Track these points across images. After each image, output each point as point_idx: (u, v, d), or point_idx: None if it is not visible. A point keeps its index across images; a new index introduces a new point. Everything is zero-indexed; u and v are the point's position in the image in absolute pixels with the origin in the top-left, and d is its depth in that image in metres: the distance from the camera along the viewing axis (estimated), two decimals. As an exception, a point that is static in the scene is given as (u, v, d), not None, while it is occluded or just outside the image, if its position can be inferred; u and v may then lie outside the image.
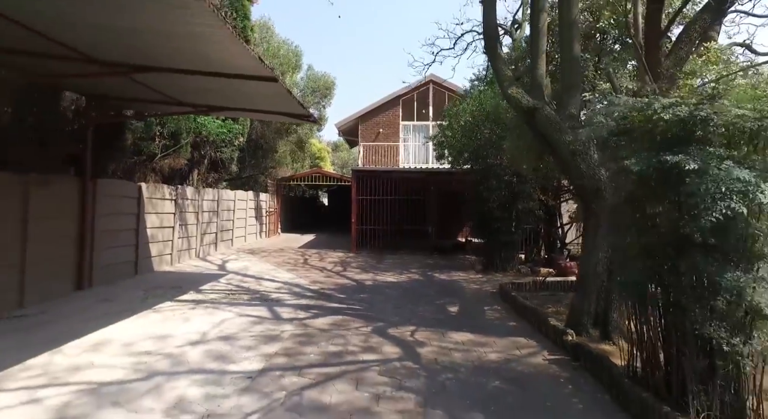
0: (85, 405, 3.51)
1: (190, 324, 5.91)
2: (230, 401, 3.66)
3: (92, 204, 7.91)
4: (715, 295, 2.72)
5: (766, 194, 2.43)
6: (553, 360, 4.76)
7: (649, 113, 3.00)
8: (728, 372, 2.78)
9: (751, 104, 2.82)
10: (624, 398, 3.55)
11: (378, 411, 3.55)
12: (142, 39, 4.64)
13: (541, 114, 5.49)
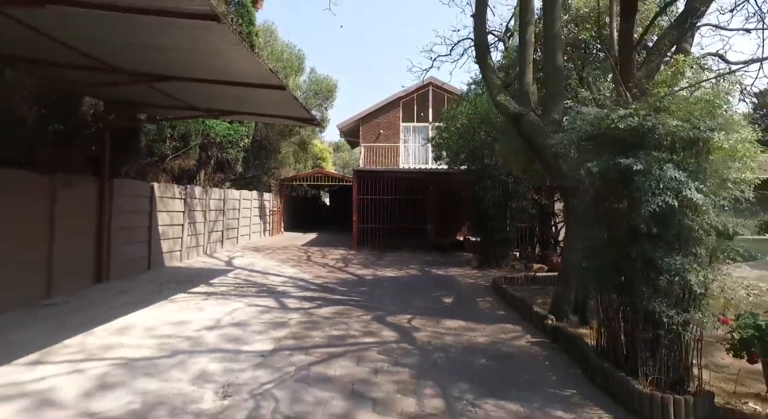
0: (121, 375, 4.04)
1: (204, 312, 6.43)
2: (246, 374, 4.18)
3: (109, 203, 8.43)
4: (659, 276, 3.22)
5: (692, 190, 2.94)
6: (534, 342, 5.28)
7: (608, 123, 3.51)
8: (670, 340, 3.28)
9: (690, 115, 3.32)
10: (592, 371, 4.06)
11: (376, 381, 4.06)
12: (166, 53, 5.17)
13: (526, 119, 6.00)
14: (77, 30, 4.59)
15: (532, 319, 6.03)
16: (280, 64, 18.59)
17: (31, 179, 6.67)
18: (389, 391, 3.85)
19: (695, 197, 2.99)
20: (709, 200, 3.17)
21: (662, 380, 3.37)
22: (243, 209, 16.27)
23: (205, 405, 3.53)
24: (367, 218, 16.39)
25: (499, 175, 11.22)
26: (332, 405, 3.57)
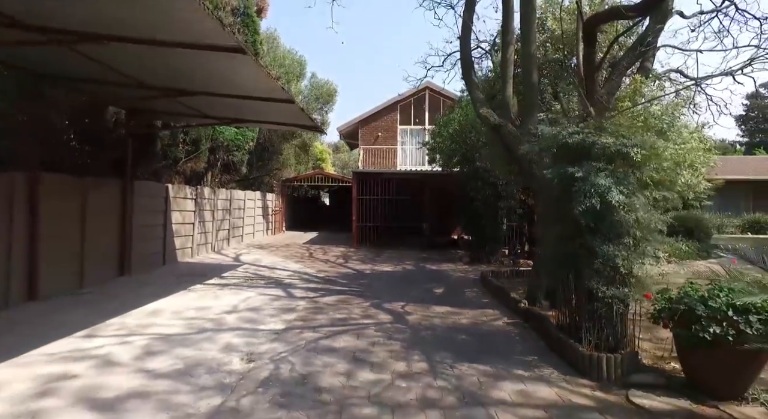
0: (161, 346, 4.87)
1: (221, 300, 7.27)
2: (265, 346, 5.02)
3: (131, 203, 9.26)
4: (596, 260, 4.07)
5: (613, 194, 3.78)
6: (510, 323, 6.13)
7: (560, 139, 4.35)
8: (606, 312, 4.13)
9: (619, 133, 4.17)
10: (552, 342, 4.91)
11: (374, 351, 4.90)
12: (192, 73, 6.01)
13: (505, 130, 6.86)
14: (126, 58, 5.43)
15: (510, 305, 6.88)
16: (283, 70, 19.42)
17: (69, 181, 7.51)
18: (384, 357, 4.69)
19: (615, 199, 3.83)
20: (635, 201, 4.02)
21: (601, 344, 4.22)
22: (247, 208, 17.10)
23: (234, 366, 4.36)
24: (366, 217, 17.22)
25: (489, 177, 12.05)
26: (337, 367, 4.41)
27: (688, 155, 6.58)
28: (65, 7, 4.10)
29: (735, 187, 24.75)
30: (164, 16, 4.05)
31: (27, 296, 6.59)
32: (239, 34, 14.36)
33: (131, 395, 3.65)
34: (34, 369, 4.09)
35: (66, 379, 3.90)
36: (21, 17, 4.30)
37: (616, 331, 4.23)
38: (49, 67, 6.14)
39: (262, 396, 3.69)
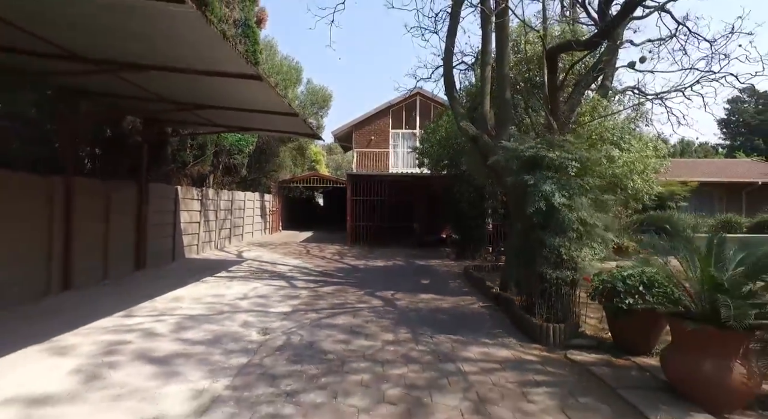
0: (190, 323, 5.84)
1: (232, 289, 8.23)
2: (276, 323, 6.00)
3: (146, 203, 10.18)
4: (547, 251, 5.11)
5: (556, 198, 4.82)
6: (483, 306, 7.18)
7: (519, 152, 5.40)
8: (555, 291, 5.18)
9: (563, 148, 5.22)
10: (515, 319, 5.96)
11: (367, 326, 5.91)
12: (210, 91, 6.98)
13: (481, 140, 7.90)
14: (156, 80, 6.39)
15: (486, 292, 7.93)
16: (280, 77, 20.37)
17: (96, 184, 8.44)
18: (376, 330, 5.71)
19: (558, 201, 4.87)
20: (576, 202, 5.07)
21: (551, 317, 5.26)
22: (247, 209, 18.03)
23: (253, 337, 5.35)
24: (359, 217, 18.22)
25: (473, 180, 13.09)
26: (337, 337, 5.41)
27: (637, 163, 7.67)
28: (116, 43, 5.06)
29: (709, 189, 26.13)
30: (201, 53, 5.03)
31: (63, 286, 7.51)
32: (240, 45, 15.33)
33: (176, 355, 4.63)
34: (94, 337, 5.06)
35: (122, 344, 4.86)
36: (80, 52, 5.26)
37: (563, 307, 5.28)
38: (88, 86, 7.09)
39: (280, 357, 4.68)
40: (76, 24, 4.46)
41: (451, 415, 3.43)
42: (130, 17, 4.09)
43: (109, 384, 3.86)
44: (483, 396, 3.76)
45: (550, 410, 3.54)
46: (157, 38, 4.72)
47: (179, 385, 3.88)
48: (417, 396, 3.77)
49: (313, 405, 3.56)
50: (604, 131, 7.19)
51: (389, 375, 4.23)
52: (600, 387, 3.99)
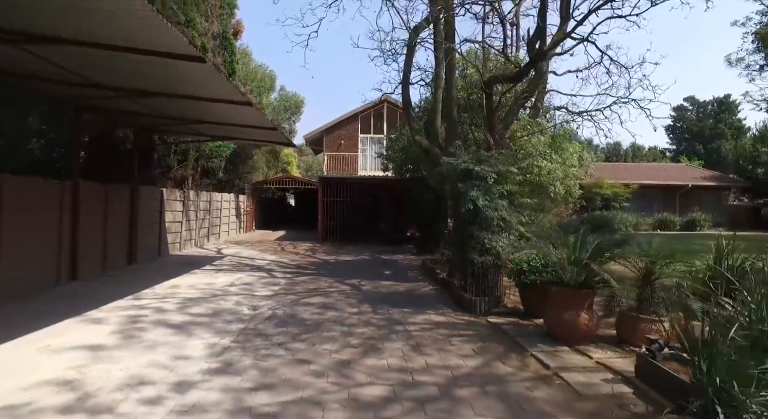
0: (191, 303, 7.14)
1: (219, 279, 9.50)
2: (262, 302, 7.36)
3: (137, 204, 11.28)
4: (473, 241, 6.70)
5: (480, 201, 6.41)
6: (432, 289, 8.76)
7: (455, 165, 6.98)
8: (483, 273, 6.78)
9: (488, 162, 6.83)
10: (454, 297, 7.54)
11: (336, 304, 7.36)
12: (206, 112, 8.26)
13: (432, 152, 9.48)
14: (162, 103, 7.64)
15: (436, 279, 9.52)
16: (255, 84, 21.47)
17: (97, 188, 9.55)
18: (344, 306, 7.17)
19: (481, 204, 6.47)
20: (497, 204, 6.68)
21: (479, 293, 6.86)
22: (224, 209, 19.11)
23: (245, 312, 6.71)
24: (330, 217, 19.59)
25: (431, 184, 14.71)
26: (313, 310, 6.85)
27: (558, 171, 9.42)
28: (135, 78, 6.33)
29: (650, 191, 28.87)
30: (207, 88, 6.35)
31: (71, 277, 8.62)
32: (219, 57, 16.46)
33: (187, 323, 5.95)
34: (116, 313, 6.31)
35: (141, 317, 6.15)
36: (102, 81, 6.49)
37: (488, 285, 6.89)
38: (99, 104, 8.25)
39: (269, 323, 6.08)
40: (109, 67, 5.72)
41: (395, 353, 4.93)
42: (153, 65, 5.40)
43: (143, 339, 5.18)
44: (419, 343, 5.30)
45: (463, 348, 5.11)
46: (174, 79, 6.02)
47: (196, 340, 5.23)
48: (372, 343, 5.27)
49: (298, 350, 4.99)
50: (530, 147, 8.89)
51: (353, 332, 5.71)
52: (503, 336, 5.59)
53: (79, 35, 4.59)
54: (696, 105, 55.25)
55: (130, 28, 4.22)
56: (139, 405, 3.52)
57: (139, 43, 4.55)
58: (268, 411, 3.49)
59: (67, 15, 4.22)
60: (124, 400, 3.60)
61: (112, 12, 3.87)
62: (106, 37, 4.54)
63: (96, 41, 4.59)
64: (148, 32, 4.18)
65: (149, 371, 4.22)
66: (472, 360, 4.75)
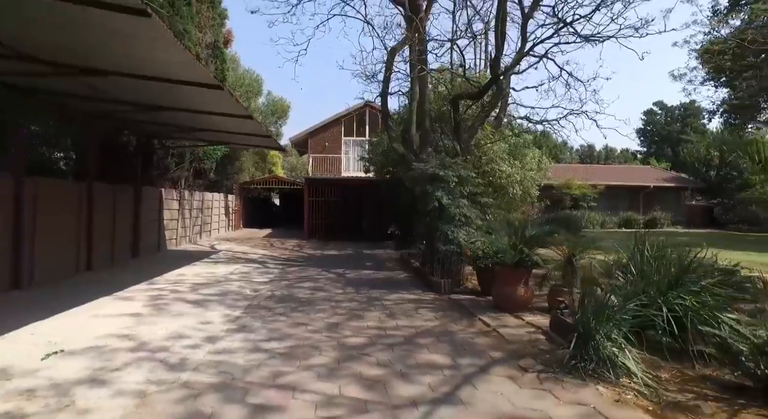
0: (200, 287, 8.36)
1: (219, 269, 10.71)
2: (261, 287, 8.63)
3: (140, 203, 12.37)
4: (438, 232, 8.09)
5: (444, 200, 7.80)
6: (407, 276, 10.15)
7: (424, 170, 8.36)
8: (446, 259, 8.17)
9: (450, 168, 8.23)
10: (424, 281, 8.94)
11: (325, 287, 8.67)
12: (210, 122, 9.47)
13: (407, 157, 10.86)
14: (173, 116, 8.82)
15: (410, 268, 10.92)
16: (243, 89, 22.56)
17: (107, 188, 10.66)
18: (330, 288, 8.50)
19: (444, 202, 7.87)
20: (459, 203, 8.08)
21: (444, 276, 8.26)
22: (214, 208, 20.18)
23: (248, 293, 7.96)
24: (315, 215, 20.84)
25: (409, 184, 16.12)
26: (305, 291, 8.15)
27: (516, 175, 10.91)
28: (154, 97, 7.52)
29: (616, 191, 30.87)
30: (218, 106, 7.58)
31: (86, 267, 9.73)
32: (211, 65, 17.55)
33: (202, 300, 7.19)
34: (140, 293, 7.52)
35: (162, 296, 7.37)
36: (123, 97, 7.67)
37: (450, 269, 8.30)
38: (114, 114, 9.38)
39: (270, 300, 7.36)
40: (132, 87, 6.91)
41: (373, 318, 6.28)
42: (177, 87, 6.62)
43: (170, 311, 6.43)
44: (392, 312, 6.66)
45: (426, 315, 6.49)
46: (188, 97, 7.24)
47: (213, 312, 6.49)
48: (355, 312, 6.61)
49: (296, 317, 6.30)
50: (491, 153, 10.34)
51: (340, 305, 7.05)
52: (460, 308, 7.00)
53: (122, 69, 5.81)
54: (664, 110, 58.07)
55: (170, 65, 5.46)
56: (184, 349, 4.79)
57: (172, 75, 5.78)
58: (279, 352, 4.80)
59: (116, 56, 5.45)
60: (172, 346, 4.87)
61: (163, 59, 5.12)
62: (145, 70, 5.77)
63: (136, 73, 5.81)
64: (184, 70, 5.42)
65: (184, 330, 5.49)
66: (432, 322, 6.14)
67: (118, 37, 4.60)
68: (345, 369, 4.33)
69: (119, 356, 4.52)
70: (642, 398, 3.70)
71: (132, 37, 4.52)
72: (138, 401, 3.53)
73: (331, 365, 4.42)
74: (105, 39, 4.83)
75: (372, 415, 3.37)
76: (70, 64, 5.79)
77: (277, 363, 4.45)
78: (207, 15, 17.40)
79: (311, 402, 3.58)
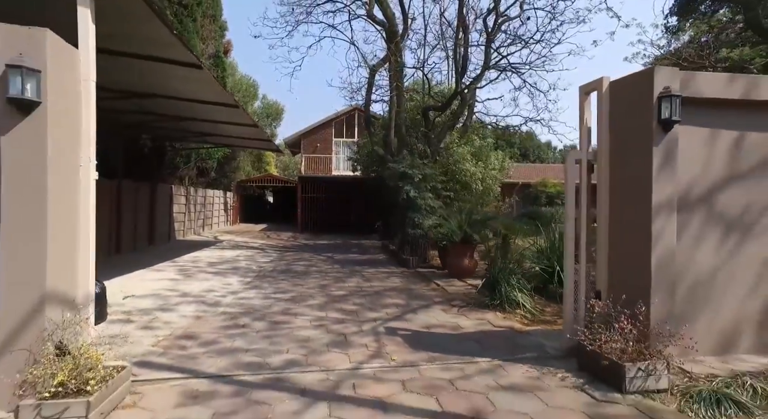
0: (215, 264, 10.27)
1: (227, 253, 12.61)
2: (265, 265, 10.56)
3: (155, 198, 14.22)
4: (407, 220, 10.08)
5: (412, 193, 9.78)
6: (384, 258, 12.15)
7: (397, 169, 10.34)
8: (415, 242, 10.15)
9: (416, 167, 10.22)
10: (397, 260, 10.93)
11: (317, 264, 10.64)
12: (224, 130, 11.37)
13: (387, 158, 12.84)
14: (194, 124, 10.71)
15: (389, 252, 12.91)
16: (240, 94, 24.35)
17: (132, 185, 12.51)
18: (322, 266, 10.47)
19: (411, 195, 9.85)
20: (425, 196, 10.07)
21: (412, 254, 10.25)
22: (215, 203, 22.02)
23: (254, 267, 9.90)
24: (308, 211, 22.75)
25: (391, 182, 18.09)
26: (301, 267, 10.11)
27: (478, 173, 12.93)
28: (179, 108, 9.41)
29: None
30: (229, 116, 9.48)
31: (116, 251, 11.59)
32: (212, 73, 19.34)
33: (219, 272, 9.11)
34: (169, 267, 9.42)
35: (187, 269, 9.28)
36: (155, 110, 9.55)
37: (418, 249, 10.30)
38: (143, 124, 11.23)
39: (273, 272, 9.31)
40: (167, 105, 8.80)
41: (354, 282, 8.25)
42: (200, 106, 8.52)
43: (197, 277, 8.35)
44: (368, 278, 8.64)
45: (395, 281, 8.49)
46: (208, 111, 9.14)
47: (230, 278, 8.42)
48: (340, 279, 8.59)
49: (295, 281, 8.25)
50: (457, 155, 12.36)
51: (328, 275, 9.02)
52: (422, 276, 9.00)
53: (167, 93, 7.72)
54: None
55: (205, 93, 7.37)
56: (216, 297, 6.74)
57: (204, 98, 7.71)
58: (284, 298, 6.76)
59: (168, 88, 7.35)
60: (206, 295, 6.81)
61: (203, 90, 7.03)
62: (185, 95, 7.68)
63: (178, 96, 7.72)
64: (215, 96, 7.35)
65: (212, 287, 7.43)
66: (397, 284, 8.14)
67: (176, 79, 6.52)
68: (330, 306, 6.31)
69: (173, 299, 6.46)
70: (523, 318, 5.72)
71: (185, 79, 6.44)
72: (196, 319, 5.48)
73: (321, 304, 6.40)
74: (165, 80, 6.75)
75: (346, 324, 5.35)
76: (131, 91, 7.69)
77: (282, 304, 6.41)
78: (209, 28, 19.22)
79: (308, 320, 5.55)
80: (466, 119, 13.82)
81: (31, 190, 2.92)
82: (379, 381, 3.64)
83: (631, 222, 4.02)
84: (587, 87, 4.46)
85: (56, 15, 3.71)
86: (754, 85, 3.97)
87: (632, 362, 3.42)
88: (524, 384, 3.60)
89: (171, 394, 3.33)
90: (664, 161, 3.81)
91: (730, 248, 4.03)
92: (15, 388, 2.72)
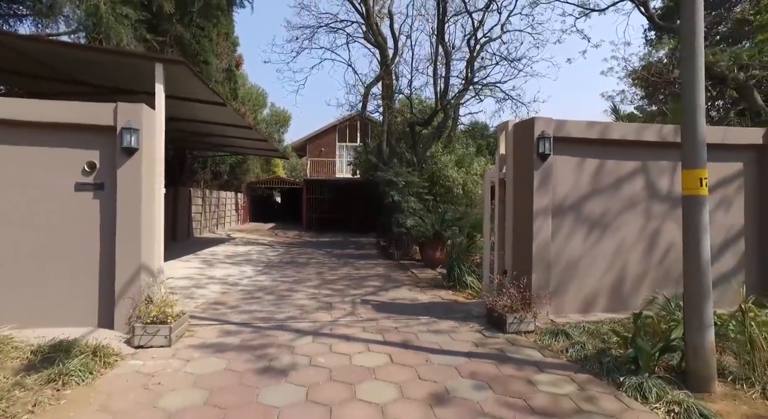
0: (233, 255, 12.20)
1: (240, 248, 14.54)
2: (273, 257, 12.46)
3: (177, 200, 16.18)
4: (394, 220, 11.91)
5: (396, 197, 11.59)
6: (376, 252, 14.01)
7: (385, 176, 12.16)
8: (400, 239, 11.98)
9: (401, 174, 12.03)
10: (386, 254, 12.79)
11: (318, 258, 12.53)
12: (242, 143, 13.27)
13: (379, 166, 14.70)
14: (219, 139, 12.64)
15: (380, 248, 14.76)
16: (250, 103, 26.32)
17: (157, 188, 14.48)
18: (321, 258, 12.35)
19: (395, 199, 11.66)
20: (408, 200, 11.88)
21: (397, 249, 12.09)
22: (227, 204, 24.02)
23: (264, 259, 11.81)
24: (312, 210, 24.66)
25: (388, 185, 19.92)
26: (304, 259, 12.00)
27: (459, 179, 14.73)
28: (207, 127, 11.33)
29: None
30: (249, 134, 11.39)
31: (146, 245, 13.55)
32: (226, 86, 21.32)
33: (235, 262, 11.01)
34: (193, 259, 11.36)
35: (209, 260, 11.21)
36: (186, 128, 11.47)
37: (402, 245, 12.15)
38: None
39: (280, 262, 11.20)
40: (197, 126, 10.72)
41: (345, 270, 10.12)
42: (223, 127, 10.42)
43: (218, 266, 10.27)
44: (357, 268, 10.51)
45: (379, 269, 10.34)
46: (231, 130, 11.05)
47: (245, 267, 10.33)
48: (334, 267, 10.46)
49: (298, 269, 10.13)
50: (440, 163, 14.18)
51: (325, 265, 10.90)
52: (402, 267, 10.84)
53: (197, 118, 9.65)
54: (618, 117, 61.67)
55: (226, 118, 9.28)
56: (235, 279, 8.64)
57: (226, 122, 9.64)
58: (288, 281, 8.63)
59: (196, 116, 9.27)
60: (227, 278, 8.72)
61: (225, 118, 8.94)
62: (210, 119, 9.60)
63: (206, 120, 9.65)
64: (234, 121, 9.26)
65: (231, 273, 9.34)
66: (381, 272, 9.99)
67: (203, 111, 8.44)
68: (324, 286, 8.18)
69: (203, 280, 8.39)
70: (468, 295, 7.54)
71: (210, 110, 8.35)
72: (222, 293, 7.39)
73: (316, 285, 8.28)
74: (195, 111, 8.67)
75: (333, 297, 7.21)
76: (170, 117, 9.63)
77: (287, 284, 8.30)
78: (223, 45, 21.14)
79: (305, 294, 7.43)
80: (450, 131, 15.64)
81: (132, 202, 4.83)
82: (348, 326, 5.50)
83: (523, 223, 5.84)
84: (501, 126, 6.29)
85: (141, 84, 5.62)
86: (607, 128, 5.77)
87: (511, 313, 5.25)
88: (445, 330, 5.44)
89: (213, 331, 5.22)
90: (542, 181, 5.62)
91: (592, 241, 5.84)
92: (127, 319, 4.63)
